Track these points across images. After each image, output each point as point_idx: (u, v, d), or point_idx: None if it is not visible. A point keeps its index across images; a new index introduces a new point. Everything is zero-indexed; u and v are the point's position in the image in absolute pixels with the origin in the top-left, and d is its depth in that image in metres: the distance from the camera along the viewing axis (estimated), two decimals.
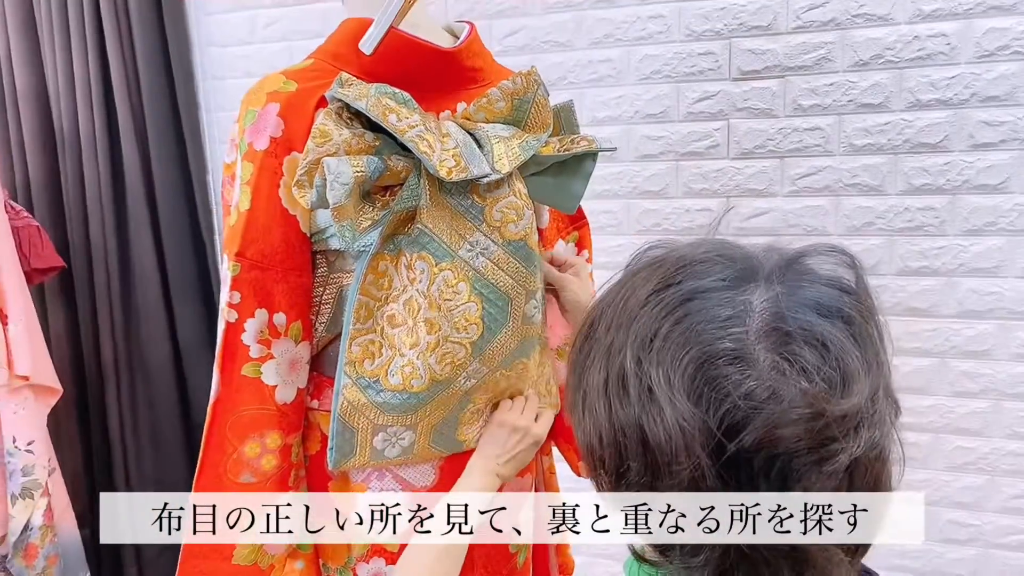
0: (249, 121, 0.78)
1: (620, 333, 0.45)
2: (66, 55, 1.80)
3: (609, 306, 0.48)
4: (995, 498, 1.48)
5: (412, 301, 0.78)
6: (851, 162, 1.45)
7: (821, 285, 0.44)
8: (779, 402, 0.40)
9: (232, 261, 0.78)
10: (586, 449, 0.48)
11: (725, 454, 0.40)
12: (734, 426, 0.40)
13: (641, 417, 0.42)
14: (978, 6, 1.33)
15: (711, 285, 0.44)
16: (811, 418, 0.40)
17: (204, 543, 0.83)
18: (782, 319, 0.42)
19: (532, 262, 0.82)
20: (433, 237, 0.77)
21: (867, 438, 0.41)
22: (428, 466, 0.89)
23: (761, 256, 0.46)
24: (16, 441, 1.56)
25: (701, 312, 0.43)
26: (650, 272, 0.47)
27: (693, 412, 0.40)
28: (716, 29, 1.47)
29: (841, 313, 0.43)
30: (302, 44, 1.77)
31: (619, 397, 0.44)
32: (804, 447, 0.40)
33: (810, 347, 0.41)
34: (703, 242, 0.49)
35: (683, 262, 0.46)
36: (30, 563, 1.58)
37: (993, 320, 1.43)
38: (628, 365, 0.43)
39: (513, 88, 0.80)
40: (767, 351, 0.41)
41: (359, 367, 0.78)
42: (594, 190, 1.60)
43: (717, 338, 0.42)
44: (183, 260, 1.90)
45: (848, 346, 0.42)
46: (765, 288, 0.44)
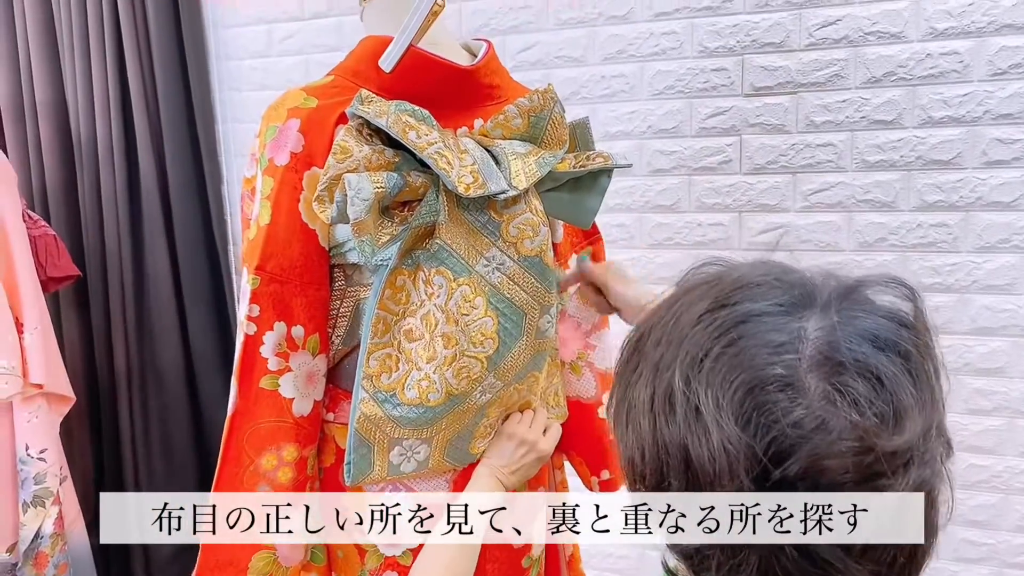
0: (270, 136, 0.79)
1: (670, 350, 0.45)
2: (85, 66, 1.82)
3: (660, 321, 0.48)
4: (1009, 517, 1.47)
5: (430, 315, 0.78)
6: (864, 178, 1.45)
7: (879, 317, 0.44)
8: (827, 432, 0.39)
9: (251, 274, 0.79)
10: (627, 462, 0.48)
11: (769, 480, 0.40)
12: (780, 453, 0.40)
13: (686, 436, 0.42)
14: (990, 24, 1.34)
15: (766, 309, 0.43)
16: (859, 452, 0.39)
17: (220, 556, 0.83)
18: (836, 349, 0.41)
19: (547, 278, 0.83)
20: (451, 252, 0.78)
21: (916, 476, 0.41)
22: (441, 480, 0.90)
23: (819, 282, 0.45)
24: (29, 449, 1.57)
25: (754, 336, 0.42)
26: (705, 290, 0.46)
27: (740, 436, 0.40)
28: (729, 45, 1.48)
29: (898, 347, 0.42)
30: (318, 57, 1.79)
31: (665, 414, 0.44)
32: (850, 480, 0.40)
33: (863, 379, 0.41)
34: (761, 264, 0.48)
35: (739, 283, 0.45)
36: (40, 571, 1.59)
37: (1007, 337, 1.42)
38: (676, 383, 0.43)
39: (530, 105, 0.81)
40: (819, 380, 0.41)
41: (376, 381, 0.79)
42: (607, 203, 1.60)
43: (768, 363, 0.41)
44: (197, 270, 1.91)
45: (903, 381, 0.41)
46: (821, 316, 0.43)
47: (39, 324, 1.57)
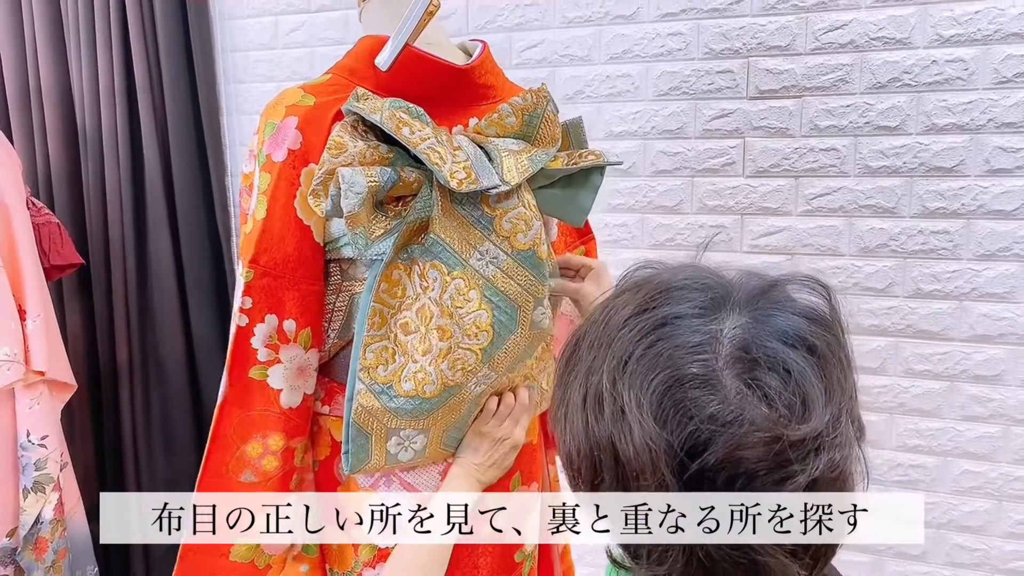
0: (268, 133, 0.80)
1: (599, 352, 0.48)
2: (91, 55, 1.83)
3: (593, 325, 0.51)
4: (1002, 523, 1.47)
5: (425, 309, 0.79)
6: (866, 183, 1.45)
7: (791, 314, 0.47)
8: (741, 425, 0.42)
9: (246, 267, 0.80)
10: (566, 459, 0.51)
11: (687, 472, 0.43)
12: (696, 446, 0.43)
13: (613, 434, 0.45)
14: (996, 32, 1.33)
15: (684, 312, 0.46)
16: (770, 441, 0.42)
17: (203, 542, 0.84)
18: (749, 347, 0.45)
19: (540, 271, 0.84)
20: (445, 246, 0.79)
21: (826, 460, 0.43)
22: (435, 471, 0.90)
23: (737, 284, 0.49)
24: (30, 435, 1.58)
25: (672, 338, 0.45)
26: (630, 296, 0.49)
27: (659, 432, 0.43)
28: (735, 48, 1.48)
29: (806, 342, 0.46)
30: (323, 51, 1.79)
31: (595, 414, 0.47)
32: (764, 468, 0.43)
33: (774, 373, 0.44)
34: (684, 267, 0.51)
35: (661, 287, 0.49)
36: (40, 556, 1.61)
37: (1004, 345, 1.42)
38: (604, 385, 0.46)
39: (523, 104, 0.82)
40: (733, 377, 0.44)
41: (373, 373, 0.80)
42: (609, 203, 1.62)
43: (686, 363, 0.44)
44: (200, 261, 1.92)
45: (809, 374, 0.44)
46: (735, 316, 0.46)
47: (42, 312, 1.58)
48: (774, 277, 0.49)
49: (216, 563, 0.84)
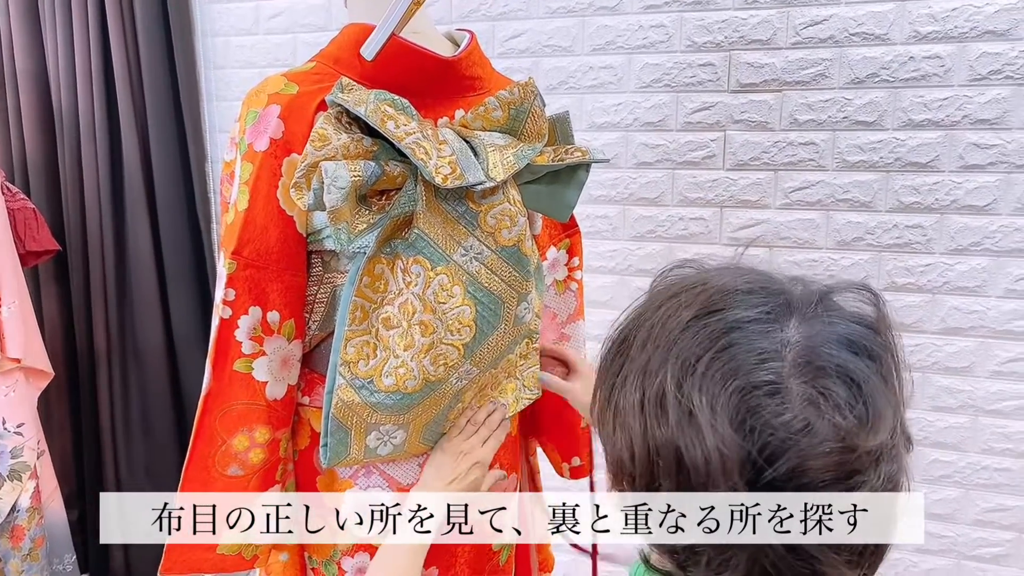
0: (250, 122, 0.79)
1: (658, 353, 0.46)
2: (67, 37, 1.80)
3: (644, 324, 0.49)
4: (969, 511, 1.51)
5: (407, 304, 0.79)
6: (843, 178, 1.47)
7: (851, 322, 0.46)
8: (812, 435, 0.42)
9: (228, 259, 0.80)
10: (615, 463, 0.49)
11: (760, 481, 0.42)
12: (771, 455, 0.42)
13: (679, 438, 0.43)
14: (973, 30, 1.35)
15: (752, 316, 0.45)
16: (841, 451, 0.42)
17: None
18: (816, 355, 0.44)
19: (524, 267, 0.84)
20: (429, 242, 0.78)
21: (886, 472, 0.43)
22: (415, 463, 0.91)
23: (795, 290, 0.48)
24: (6, 423, 1.57)
25: (742, 343, 0.44)
26: (691, 297, 0.48)
27: (735, 440, 0.42)
28: (717, 41, 1.49)
29: (869, 351, 0.45)
30: (305, 37, 1.78)
31: (656, 417, 0.45)
32: (831, 478, 0.42)
33: (842, 382, 0.43)
34: (740, 270, 0.50)
35: (723, 290, 0.47)
36: (16, 544, 1.60)
37: (974, 338, 1.45)
38: (668, 386, 0.45)
39: (510, 98, 0.81)
40: (802, 384, 0.43)
41: (354, 368, 0.80)
42: (591, 195, 1.62)
43: (757, 369, 0.43)
44: (179, 248, 1.90)
45: (876, 383, 0.44)
46: (800, 323, 0.45)
47: (17, 298, 1.57)
48: (828, 284, 0.49)
49: (203, 555, 0.84)
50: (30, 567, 1.63)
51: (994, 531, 1.50)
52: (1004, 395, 1.45)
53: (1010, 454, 1.47)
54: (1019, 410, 1.45)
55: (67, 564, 1.78)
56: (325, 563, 0.93)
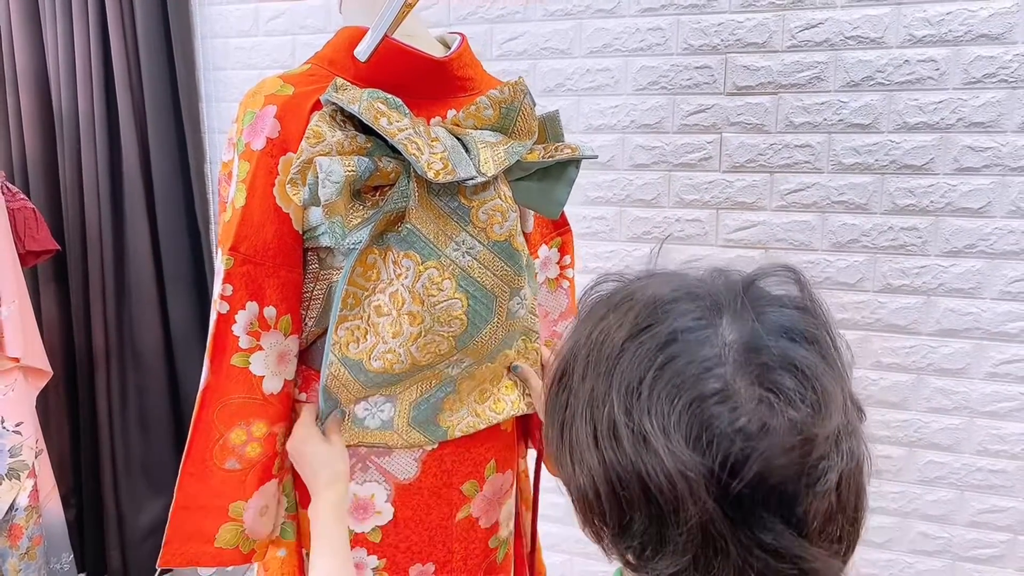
0: (247, 122, 0.80)
1: (600, 381, 0.45)
2: (67, 38, 1.81)
3: (580, 351, 0.48)
4: (964, 512, 1.51)
5: (397, 294, 0.81)
6: (839, 180, 1.48)
7: (781, 308, 0.45)
8: (771, 435, 0.41)
9: (226, 255, 0.81)
10: (582, 503, 0.47)
11: (729, 493, 0.41)
12: (734, 465, 0.41)
13: (639, 466, 0.42)
14: (967, 34, 1.36)
15: (687, 325, 0.44)
16: (802, 444, 0.41)
17: (188, 527, 0.85)
18: (757, 350, 0.43)
19: (516, 261, 0.85)
20: (420, 236, 0.80)
21: (847, 450, 0.43)
22: (411, 458, 0.92)
23: (719, 286, 0.47)
24: (5, 422, 1.58)
25: (683, 355, 0.43)
26: (621, 316, 0.46)
27: (692, 457, 0.41)
28: (713, 44, 1.50)
29: (806, 334, 0.44)
30: (304, 39, 1.79)
31: (612, 449, 0.44)
32: (795, 473, 0.41)
33: (788, 374, 0.42)
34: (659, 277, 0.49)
35: (651, 303, 0.46)
36: (14, 543, 1.60)
37: (969, 339, 1.46)
38: (617, 415, 0.43)
39: (501, 97, 0.83)
40: (749, 385, 0.42)
41: (344, 349, 0.83)
42: (588, 196, 1.63)
43: (703, 379, 0.42)
44: (177, 248, 1.91)
45: (820, 366, 0.43)
46: (732, 320, 0.44)
47: (17, 298, 1.57)
48: (750, 273, 0.48)
49: (201, 548, 0.85)
50: (28, 566, 1.63)
51: (989, 532, 1.50)
52: (999, 397, 1.46)
53: (1005, 455, 1.47)
54: (1014, 412, 1.46)
55: (64, 563, 1.78)
56: None
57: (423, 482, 0.92)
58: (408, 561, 0.93)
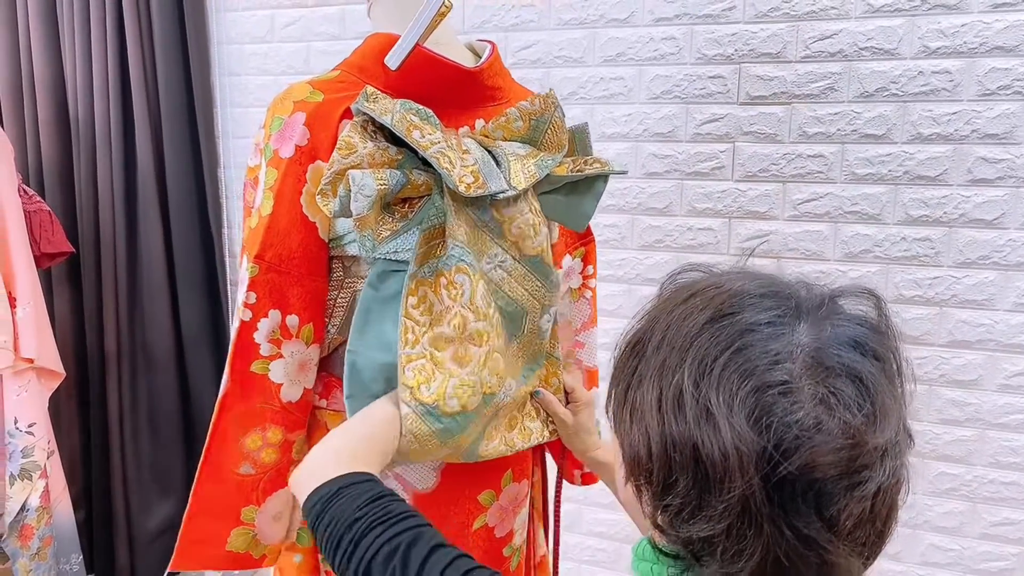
0: (275, 128, 0.80)
1: (674, 354, 0.49)
2: (85, 44, 1.82)
3: (658, 326, 0.51)
4: (976, 524, 1.51)
5: (456, 318, 0.78)
6: (852, 190, 1.48)
7: (856, 325, 0.48)
8: (824, 432, 0.44)
9: (251, 263, 0.81)
10: (631, 458, 0.51)
11: (774, 476, 0.44)
12: (785, 451, 0.44)
13: (695, 434, 0.46)
14: (982, 45, 1.37)
15: (765, 320, 0.47)
16: (851, 448, 0.44)
17: (200, 532, 0.85)
18: (825, 355, 0.46)
19: (548, 277, 0.85)
20: (466, 249, 0.79)
21: (890, 467, 0.45)
22: (429, 468, 0.92)
23: (803, 294, 0.50)
24: (18, 423, 1.58)
25: (756, 345, 0.46)
26: (706, 300, 0.50)
27: (750, 435, 0.44)
28: (727, 54, 1.51)
29: (875, 352, 0.47)
30: (319, 45, 1.80)
31: (674, 414, 0.47)
32: (839, 473, 0.44)
33: (850, 382, 0.45)
34: (748, 274, 0.52)
35: (738, 294, 0.49)
36: (25, 544, 1.60)
37: (982, 351, 1.46)
38: (686, 385, 0.47)
39: (531, 109, 0.83)
40: (812, 384, 0.45)
41: (416, 393, 0.77)
42: (600, 204, 1.63)
43: (770, 370, 0.45)
44: (190, 253, 1.92)
45: (882, 382, 0.46)
46: (808, 325, 0.47)
47: (32, 299, 1.58)
48: (834, 289, 0.51)
49: (214, 553, 0.86)
50: (38, 566, 1.64)
51: (1000, 545, 1.50)
52: (1011, 408, 1.46)
53: (1017, 468, 1.47)
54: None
55: (74, 564, 1.79)
56: None
57: (441, 492, 0.92)
58: None
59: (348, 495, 0.60)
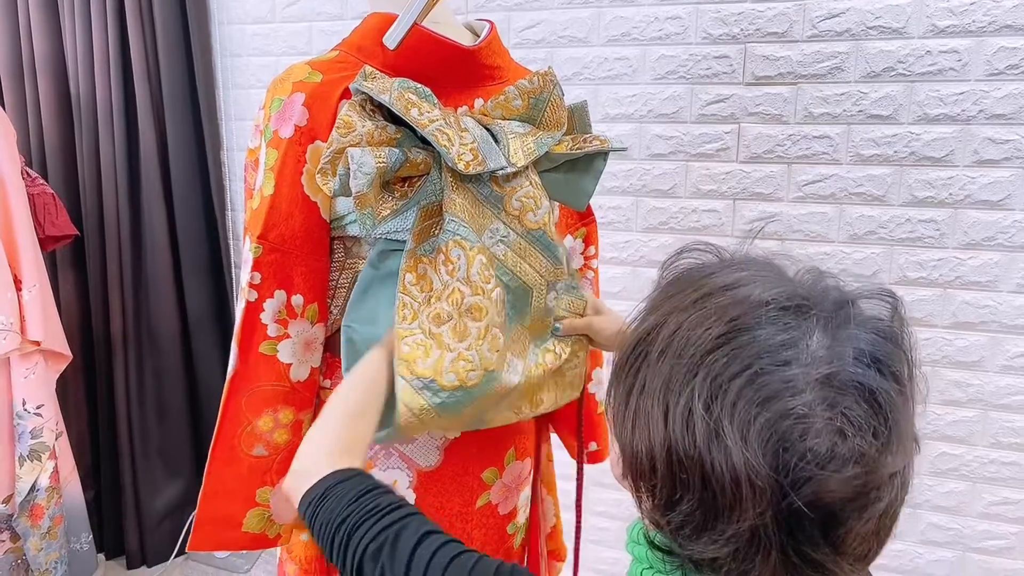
0: (275, 109, 0.80)
1: (682, 367, 0.47)
2: (85, 24, 1.81)
3: (663, 327, 0.49)
4: (976, 504, 1.52)
5: (454, 293, 0.78)
6: (857, 171, 1.47)
7: (873, 333, 0.47)
8: (839, 461, 0.43)
9: (254, 243, 0.81)
10: (634, 471, 0.49)
11: (788, 507, 0.43)
12: (799, 482, 0.43)
13: (705, 458, 0.44)
14: (991, 24, 1.35)
15: (780, 340, 0.45)
16: (865, 475, 0.43)
17: (217, 511, 0.86)
18: (841, 375, 0.44)
19: (552, 252, 0.84)
20: (461, 223, 0.78)
21: (900, 483, 0.45)
22: (433, 446, 0.93)
23: (813, 294, 0.48)
24: (26, 404, 1.60)
25: (773, 372, 0.44)
26: (717, 310, 0.47)
27: (765, 469, 0.43)
28: (732, 33, 1.49)
29: (892, 367, 0.46)
30: (321, 26, 1.79)
31: (682, 433, 0.45)
32: (850, 498, 0.43)
33: (868, 405, 0.44)
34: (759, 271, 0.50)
35: (752, 304, 0.47)
36: (36, 523, 1.63)
37: (985, 332, 1.46)
38: (696, 406, 0.45)
39: (530, 87, 0.82)
40: (827, 409, 0.44)
41: (413, 367, 0.77)
42: (604, 186, 1.63)
43: (787, 398, 0.44)
44: (195, 234, 1.92)
45: (899, 404, 0.45)
46: (825, 339, 0.46)
47: (37, 282, 1.59)
48: (852, 291, 0.49)
49: (230, 534, 0.87)
50: (49, 545, 1.66)
51: (1000, 524, 1.51)
52: (1013, 389, 1.46)
53: (1018, 448, 1.48)
54: None
55: (84, 543, 1.81)
56: None
57: (445, 469, 0.93)
58: None
59: (335, 495, 0.59)
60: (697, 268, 0.52)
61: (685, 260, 0.54)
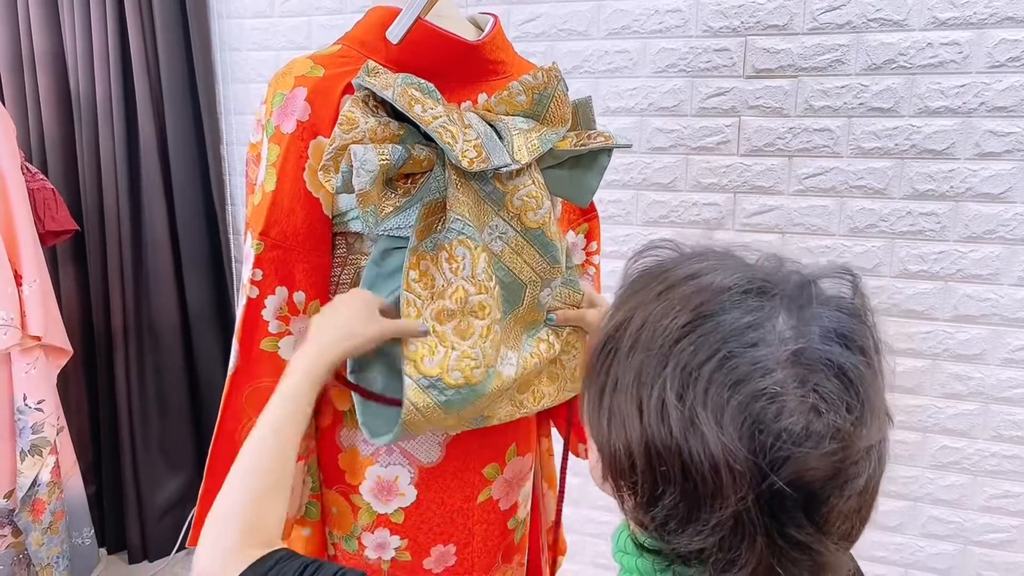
0: (277, 104, 0.80)
1: (652, 360, 0.46)
2: (85, 20, 1.81)
3: (630, 323, 0.49)
4: (976, 497, 1.52)
5: (458, 291, 0.78)
6: (858, 164, 1.47)
7: (837, 311, 0.47)
8: (814, 439, 0.43)
9: (255, 240, 0.81)
10: (614, 470, 0.49)
11: (768, 489, 0.43)
12: (777, 463, 0.43)
13: (682, 448, 0.44)
14: (992, 16, 1.35)
15: (747, 322, 0.45)
16: (842, 451, 0.43)
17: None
18: (811, 355, 0.44)
19: (549, 251, 0.85)
20: (466, 222, 0.78)
21: (877, 456, 0.45)
22: (434, 442, 0.93)
23: (778, 279, 0.48)
24: (27, 399, 1.60)
25: (740, 352, 0.44)
26: (681, 299, 0.47)
27: (742, 452, 0.43)
28: (733, 26, 1.49)
29: (859, 344, 0.46)
30: (320, 19, 1.78)
31: (658, 426, 0.45)
32: (830, 476, 0.44)
33: (839, 381, 0.44)
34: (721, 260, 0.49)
35: (715, 290, 0.47)
36: (37, 518, 1.63)
37: (986, 325, 1.46)
38: (668, 397, 0.45)
39: (534, 83, 0.82)
40: (800, 388, 0.44)
41: (420, 365, 0.77)
42: (605, 179, 1.61)
43: (758, 379, 0.44)
44: (195, 229, 1.92)
45: (868, 378, 0.45)
46: (790, 320, 0.46)
47: (38, 277, 1.59)
48: (811, 271, 0.49)
49: None
50: (51, 539, 1.66)
51: (1001, 517, 1.51)
52: (1014, 383, 1.46)
53: (1019, 441, 1.48)
54: None
55: (85, 538, 1.82)
56: (346, 538, 0.95)
57: (446, 465, 0.93)
58: (430, 542, 0.95)
59: None
60: (659, 263, 0.52)
61: (647, 257, 0.53)
